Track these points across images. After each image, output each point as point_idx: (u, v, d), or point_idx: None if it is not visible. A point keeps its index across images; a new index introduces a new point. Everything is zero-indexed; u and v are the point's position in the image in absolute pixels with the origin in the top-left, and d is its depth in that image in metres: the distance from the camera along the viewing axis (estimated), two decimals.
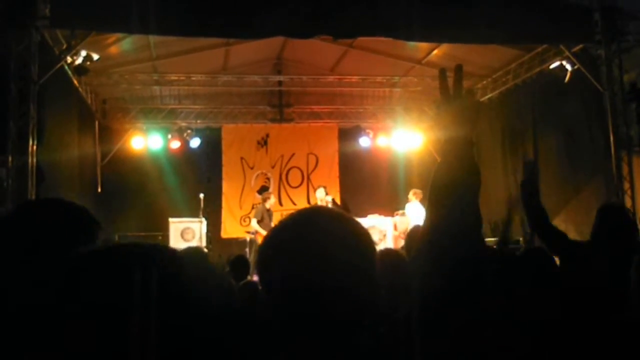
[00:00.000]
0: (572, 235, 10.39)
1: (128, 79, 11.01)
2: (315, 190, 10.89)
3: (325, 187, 10.73)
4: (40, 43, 7.43)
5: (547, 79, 9.82)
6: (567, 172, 9.56)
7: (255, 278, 9.35)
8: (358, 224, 1.14)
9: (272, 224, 10.03)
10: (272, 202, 10.58)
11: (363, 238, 1.12)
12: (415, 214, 10.58)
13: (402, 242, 9.64)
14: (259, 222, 10.17)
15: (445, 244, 1.13)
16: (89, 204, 11.00)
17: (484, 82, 11.62)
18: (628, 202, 8.22)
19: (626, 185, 8.29)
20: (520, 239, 10.35)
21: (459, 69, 1.24)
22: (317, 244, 1.06)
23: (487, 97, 11.64)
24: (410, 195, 10.97)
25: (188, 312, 0.72)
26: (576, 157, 9.34)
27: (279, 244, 1.10)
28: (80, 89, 10.13)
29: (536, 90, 10.27)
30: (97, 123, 11.78)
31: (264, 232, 10.17)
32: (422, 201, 11.04)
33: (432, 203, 1.19)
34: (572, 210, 9.29)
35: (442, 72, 1.27)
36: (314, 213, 1.21)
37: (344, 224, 1.12)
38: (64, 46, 8.29)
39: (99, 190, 11.86)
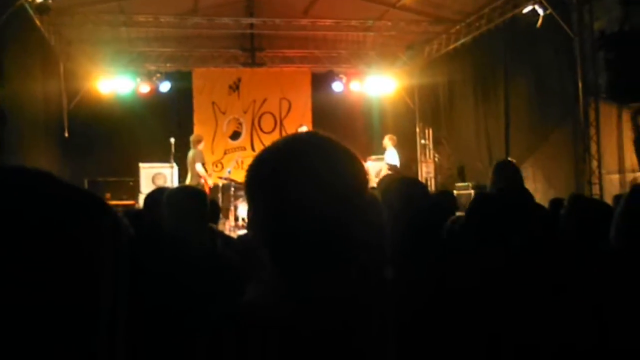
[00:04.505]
0: (540, 179, 10.60)
1: (93, 20, 10.58)
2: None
3: (307, 127, 10.80)
4: None
5: (520, 24, 9.79)
6: (536, 117, 9.69)
7: (225, 224, 9.47)
8: (352, 151, 1.03)
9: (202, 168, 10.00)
10: (202, 144, 10.62)
11: (358, 166, 1.02)
12: (392, 160, 10.81)
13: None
14: (203, 165, 10.20)
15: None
16: (55, 148, 10.82)
17: (457, 27, 11.51)
18: (593, 148, 8.41)
19: (592, 132, 8.45)
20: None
21: None
22: (312, 170, 0.95)
23: (460, 42, 11.58)
24: (386, 141, 11.07)
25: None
26: (546, 103, 9.45)
27: (268, 170, 0.97)
28: (42, 30, 9.74)
29: (508, 35, 10.25)
30: (61, 65, 11.40)
31: (208, 178, 10.37)
32: (396, 146, 11.16)
33: None
34: (540, 155, 9.50)
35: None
36: (308, 137, 1.06)
37: (341, 152, 1.00)
38: None
39: (66, 134, 11.61)
